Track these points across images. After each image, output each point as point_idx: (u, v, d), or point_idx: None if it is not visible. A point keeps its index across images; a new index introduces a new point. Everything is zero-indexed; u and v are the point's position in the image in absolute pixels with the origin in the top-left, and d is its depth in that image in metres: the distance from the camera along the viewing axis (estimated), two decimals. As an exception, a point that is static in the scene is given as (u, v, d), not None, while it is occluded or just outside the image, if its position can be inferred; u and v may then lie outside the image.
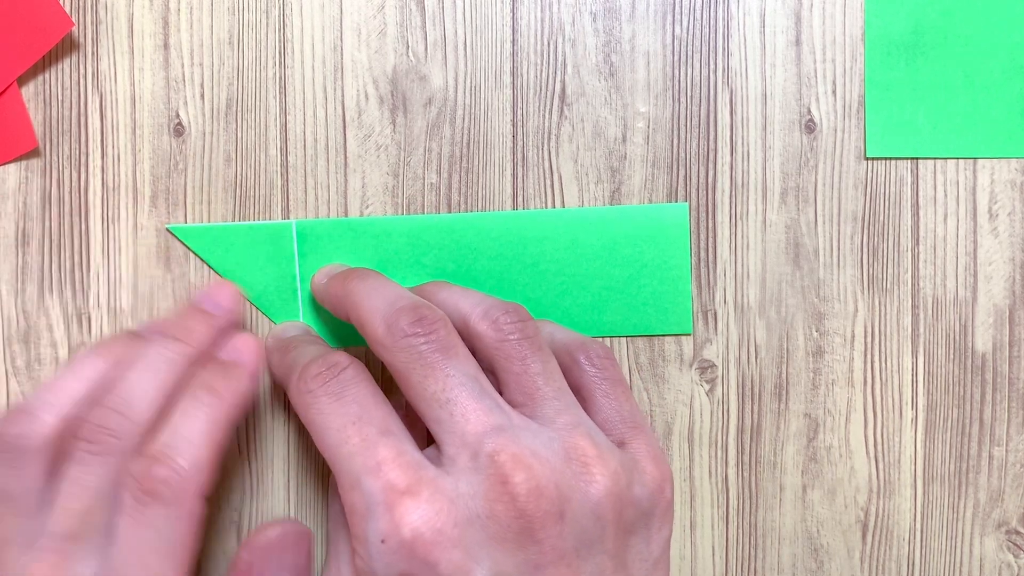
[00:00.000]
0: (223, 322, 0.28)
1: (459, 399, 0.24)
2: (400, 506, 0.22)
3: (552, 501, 0.23)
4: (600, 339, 0.28)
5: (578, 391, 0.27)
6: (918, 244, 0.31)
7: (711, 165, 0.31)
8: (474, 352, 0.26)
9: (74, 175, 0.31)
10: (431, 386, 0.24)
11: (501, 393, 0.26)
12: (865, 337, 0.31)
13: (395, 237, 0.31)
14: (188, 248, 0.31)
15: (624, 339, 0.31)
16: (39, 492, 0.25)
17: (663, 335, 0.31)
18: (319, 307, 0.31)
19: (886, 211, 0.31)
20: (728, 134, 0.31)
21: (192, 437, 0.25)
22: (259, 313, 0.31)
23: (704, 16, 0.31)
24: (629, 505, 0.24)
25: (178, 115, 0.31)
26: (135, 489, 0.24)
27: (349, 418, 0.24)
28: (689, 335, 0.31)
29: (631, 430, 0.26)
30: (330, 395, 0.25)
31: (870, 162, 0.31)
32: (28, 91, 0.31)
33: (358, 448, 0.23)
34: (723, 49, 0.31)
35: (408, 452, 0.24)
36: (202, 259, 0.31)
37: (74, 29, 0.31)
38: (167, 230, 0.31)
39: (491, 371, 0.26)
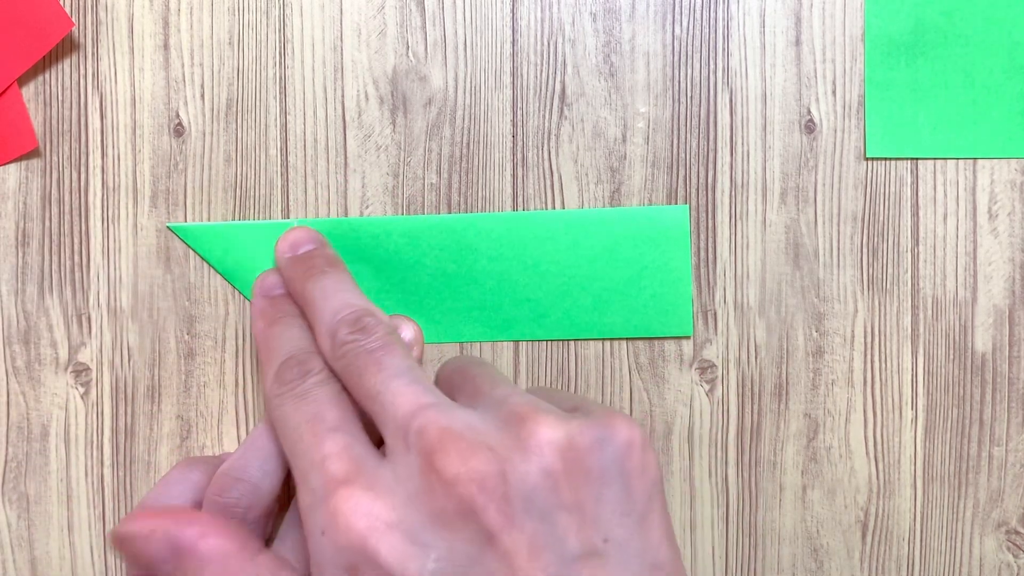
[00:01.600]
0: None
1: (390, 387, 0.24)
2: (335, 497, 0.22)
3: (488, 463, 0.22)
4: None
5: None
6: (918, 244, 0.31)
7: (711, 165, 0.31)
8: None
9: (74, 175, 0.31)
10: (367, 382, 0.24)
11: None
12: (865, 337, 0.31)
13: (395, 237, 0.31)
14: (188, 247, 0.31)
15: (624, 339, 0.31)
16: (258, 547, 0.26)
17: (663, 337, 0.31)
18: None
19: (886, 211, 0.31)
20: (728, 134, 0.31)
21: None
22: (259, 313, 0.31)
23: (704, 16, 0.31)
24: (586, 454, 0.22)
25: (178, 115, 0.31)
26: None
27: (304, 417, 0.24)
28: (689, 337, 0.31)
29: (579, 402, 0.25)
30: (295, 397, 0.25)
31: (870, 162, 0.31)
32: (28, 91, 0.31)
33: (309, 445, 0.24)
34: (723, 49, 0.31)
35: (354, 447, 0.23)
36: (202, 257, 0.31)
37: (74, 29, 0.31)
38: (167, 228, 0.31)
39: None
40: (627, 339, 0.31)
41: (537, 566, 0.21)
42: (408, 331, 0.29)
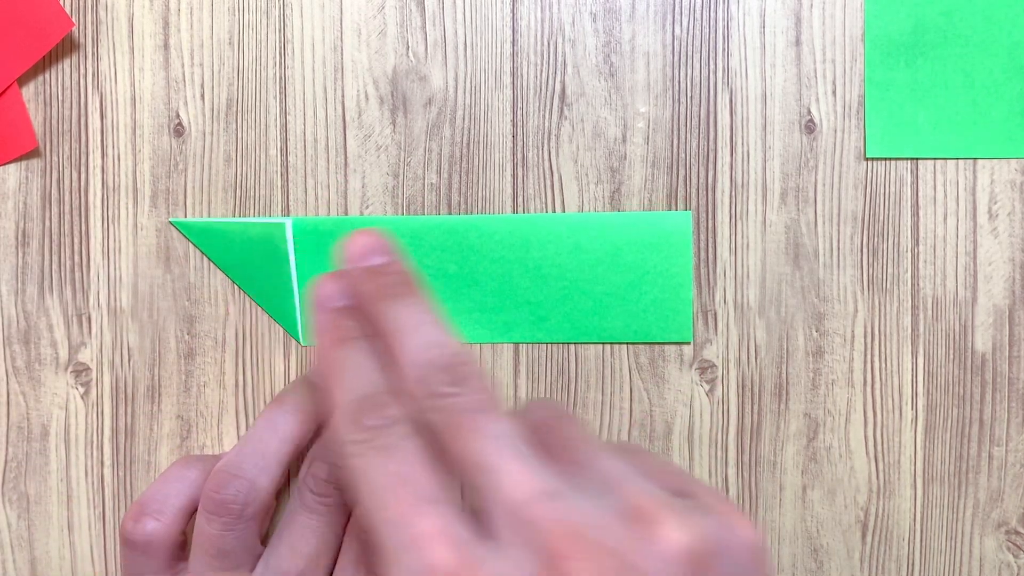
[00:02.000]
0: None
1: (497, 462, 0.21)
2: None
3: (617, 574, 0.20)
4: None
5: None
6: (918, 244, 0.31)
7: (711, 165, 0.31)
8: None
9: (74, 175, 0.31)
10: (467, 448, 0.21)
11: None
12: (865, 337, 0.31)
13: (397, 237, 0.31)
14: (188, 247, 0.31)
15: (625, 344, 0.31)
16: (253, 546, 0.27)
17: (663, 343, 0.31)
18: None
19: (886, 211, 0.31)
20: (728, 134, 0.31)
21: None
22: (259, 310, 0.31)
23: (704, 16, 0.31)
24: (712, 559, 0.20)
25: (178, 115, 0.31)
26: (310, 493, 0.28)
27: (393, 478, 0.21)
28: (689, 343, 0.31)
29: (686, 482, 0.23)
30: (379, 449, 0.22)
31: (870, 162, 0.31)
32: (28, 91, 0.31)
33: (400, 515, 0.21)
34: (723, 49, 0.31)
35: (454, 526, 0.21)
36: (203, 252, 0.31)
37: (74, 29, 0.31)
38: (169, 223, 0.31)
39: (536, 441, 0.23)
40: (627, 343, 0.31)
41: None
42: None
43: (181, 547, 0.29)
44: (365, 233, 0.26)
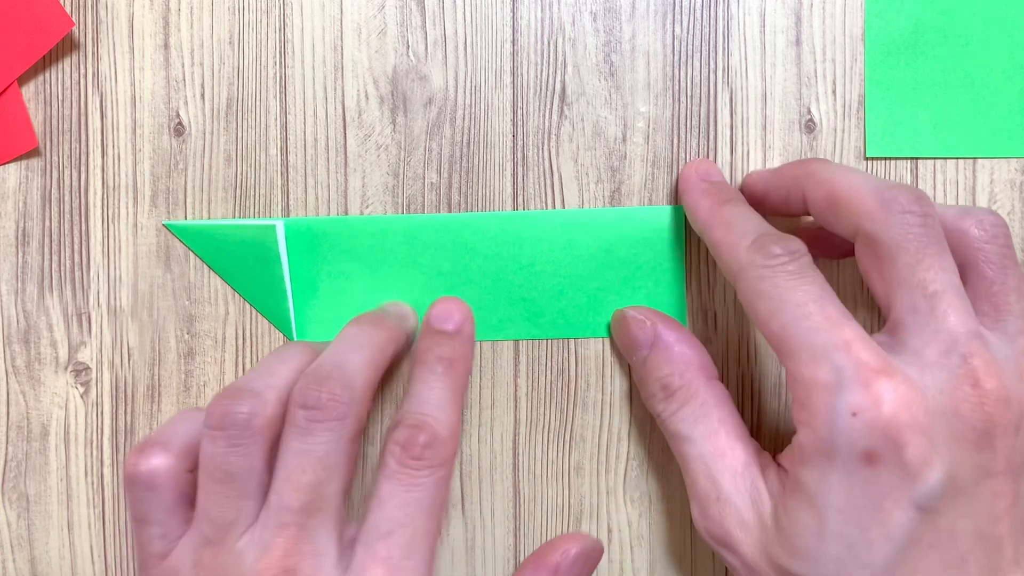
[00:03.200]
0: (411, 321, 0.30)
1: (946, 295, 0.24)
2: (877, 383, 0.22)
3: (1016, 412, 0.23)
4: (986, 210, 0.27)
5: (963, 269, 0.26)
6: (918, 244, 0.31)
7: (711, 165, 0.31)
8: None
9: (74, 175, 0.31)
10: (921, 272, 0.24)
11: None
12: (865, 337, 0.31)
13: (392, 236, 0.31)
14: (185, 245, 0.31)
15: (624, 339, 0.31)
16: (260, 472, 0.25)
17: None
18: (308, 305, 0.31)
19: (886, 211, 0.31)
20: (728, 134, 0.31)
21: (442, 405, 0.26)
22: (256, 312, 0.31)
23: (704, 16, 0.31)
24: None
25: (178, 115, 0.31)
26: (401, 456, 0.25)
27: (811, 296, 0.24)
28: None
29: None
30: (789, 273, 0.24)
31: (870, 162, 0.31)
32: (28, 91, 0.31)
33: (822, 324, 0.23)
34: (723, 49, 0.31)
35: (870, 339, 0.23)
36: (196, 254, 0.31)
37: (74, 29, 0.31)
38: (164, 226, 0.31)
39: (961, 269, 0.26)
40: (627, 339, 0.31)
41: (1012, 513, 0.23)
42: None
43: (190, 494, 0.27)
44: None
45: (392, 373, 0.31)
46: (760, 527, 0.25)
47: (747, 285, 0.25)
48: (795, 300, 0.24)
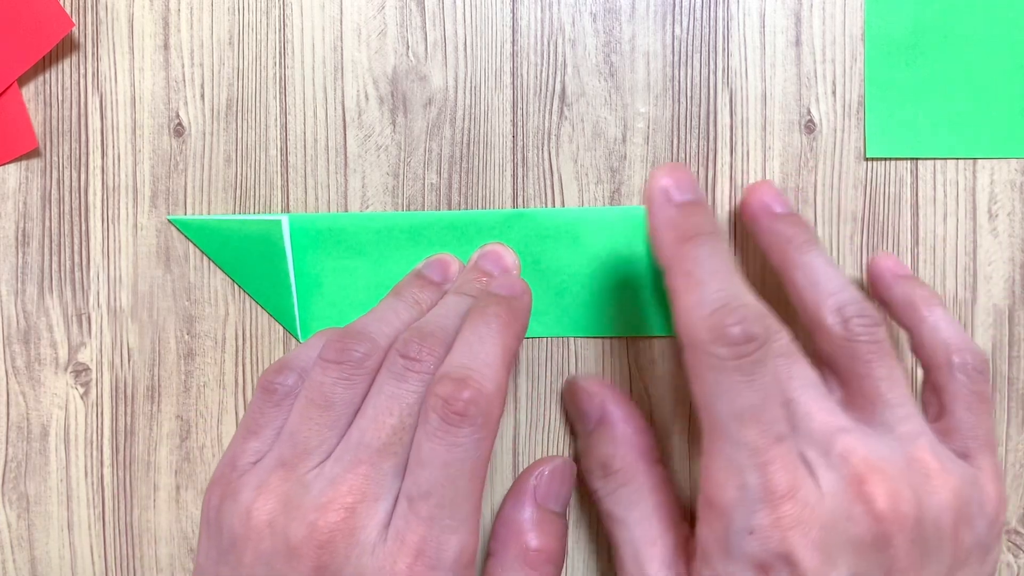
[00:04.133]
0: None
1: (806, 399, 0.24)
2: (777, 508, 0.23)
3: (909, 505, 0.23)
4: (977, 350, 0.27)
5: (940, 393, 0.27)
6: (918, 244, 0.31)
7: (711, 165, 0.31)
8: (811, 335, 0.26)
9: (74, 175, 0.31)
10: (784, 387, 0.24)
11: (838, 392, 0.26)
12: (865, 337, 0.31)
13: (396, 233, 0.31)
14: (188, 248, 0.31)
15: (624, 339, 0.31)
16: (354, 410, 0.26)
17: (662, 336, 0.31)
18: (312, 300, 0.31)
19: (886, 211, 0.31)
20: (728, 134, 0.31)
21: (490, 361, 0.25)
22: (259, 309, 0.31)
23: (704, 16, 0.31)
24: (967, 526, 0.24)
25: (178, 115, 0.31)
26: (443, 410, 0.24)
27: (751, 402, 0.23)
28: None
29: (980, 445, 0.26)
30: (741, 371, 0.23)
31: (870, 162, 0.31)
32: (28, 91, 0.31)
33: (751, 445, 0.23)
34: (723, 49, 0.31)
35: (794, 454, 0.23)
36: (201, 250, 0.31)
37: (74, 29, 0.31)
38: (168, 221, 0.31)
39: (829, 367, 0.26)
40: (626, 338, 0.31)
41: None
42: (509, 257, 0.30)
43: None
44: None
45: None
46: None
47: (694, 362, 0.23)
48: (734, 407, 0.23)
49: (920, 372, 0.28)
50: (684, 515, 0.28)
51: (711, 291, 0.23)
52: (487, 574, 0.28)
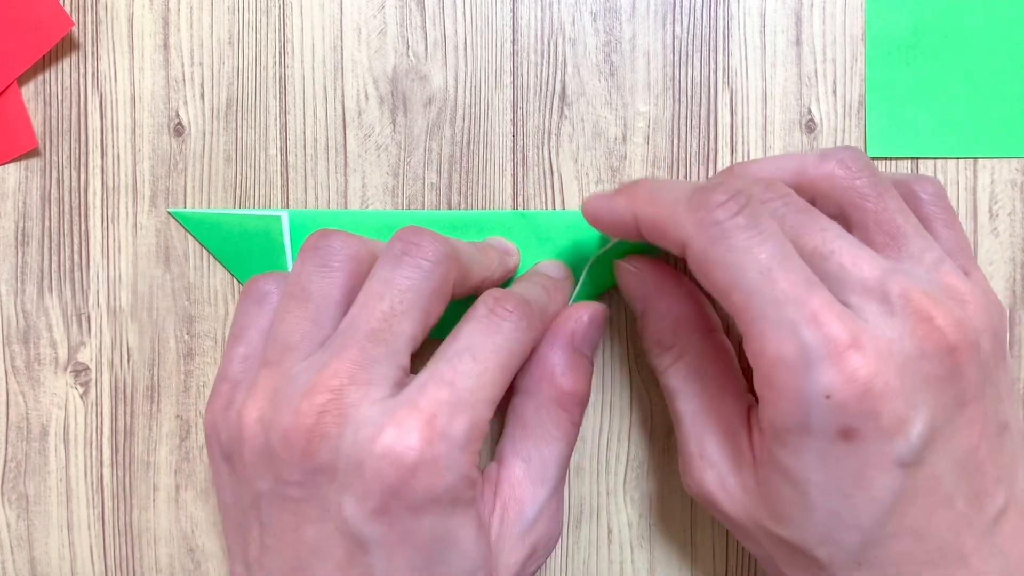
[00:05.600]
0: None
1: (843, 249, 0.24)
2: (848, 359, 0.21)
3: (968, 332, 0.23)
4: (924, 176, 0.27)
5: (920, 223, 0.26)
6: (918, 244, 0.31)
7: (711, 165, 0.31)
8: (814, 201, 0.26)
9: (74, 175, 0.31)
10: (808, 243, 0.24)
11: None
12: (865, 337, 0.31)
13: (395, 230, 0.30)
14: (188, 248, 0.31)
15: (625, 339, 0.31)
16: (335, 303, 0.25)
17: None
18: None
19: (886, 211, 0.31)
20: (728, 134, 0.31)
21: (541, 302, 0.27)
22: (259, 313, 0.31)
23: (704, 16, 0.31)
24: (997, 342, 0.24)
25: (178, 115, 0.31)
26: (493, 304, 0.25)
27: (773, 257, 0.22)
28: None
29: (969, 260, 0.26)
30: (742, 228, 0.22)
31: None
32: (28, 91, 0.31)
33: (788, 294, 0.22)
34: (723, 49, 0.31)
35: (835, 301, 0.22)
36: (200, 243, 0.31)
37: (74, 29, 0.31)
38: (169, 220, 0.31)
39: (841, 215, 0.25)
40: (627, 338, 0.31)
41: (985, 435, 0.23)
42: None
43: None
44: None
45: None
46: (743, 491, 0.25)
47: (698, 253, 0.23)
48: (755, 266, 0.22)
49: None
50: (747, 386, 0.27)
51: (676, 188, 0.24)
52: (517, 413, 0.27)
